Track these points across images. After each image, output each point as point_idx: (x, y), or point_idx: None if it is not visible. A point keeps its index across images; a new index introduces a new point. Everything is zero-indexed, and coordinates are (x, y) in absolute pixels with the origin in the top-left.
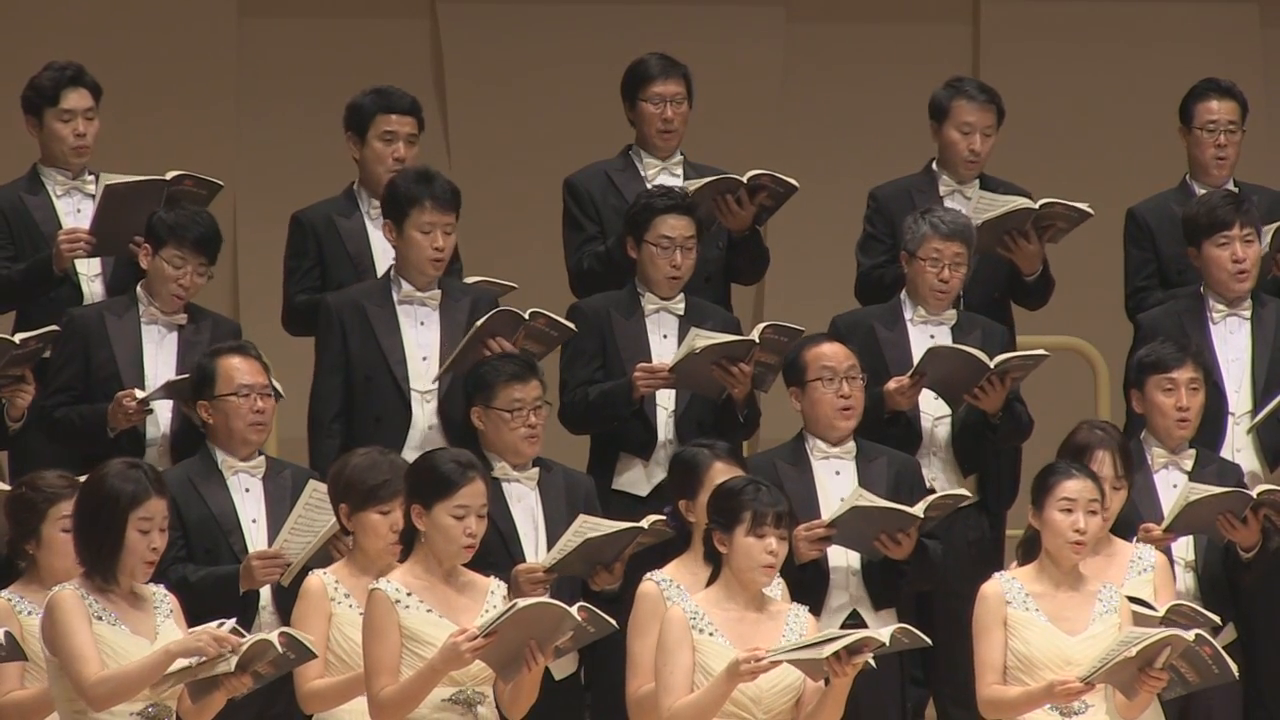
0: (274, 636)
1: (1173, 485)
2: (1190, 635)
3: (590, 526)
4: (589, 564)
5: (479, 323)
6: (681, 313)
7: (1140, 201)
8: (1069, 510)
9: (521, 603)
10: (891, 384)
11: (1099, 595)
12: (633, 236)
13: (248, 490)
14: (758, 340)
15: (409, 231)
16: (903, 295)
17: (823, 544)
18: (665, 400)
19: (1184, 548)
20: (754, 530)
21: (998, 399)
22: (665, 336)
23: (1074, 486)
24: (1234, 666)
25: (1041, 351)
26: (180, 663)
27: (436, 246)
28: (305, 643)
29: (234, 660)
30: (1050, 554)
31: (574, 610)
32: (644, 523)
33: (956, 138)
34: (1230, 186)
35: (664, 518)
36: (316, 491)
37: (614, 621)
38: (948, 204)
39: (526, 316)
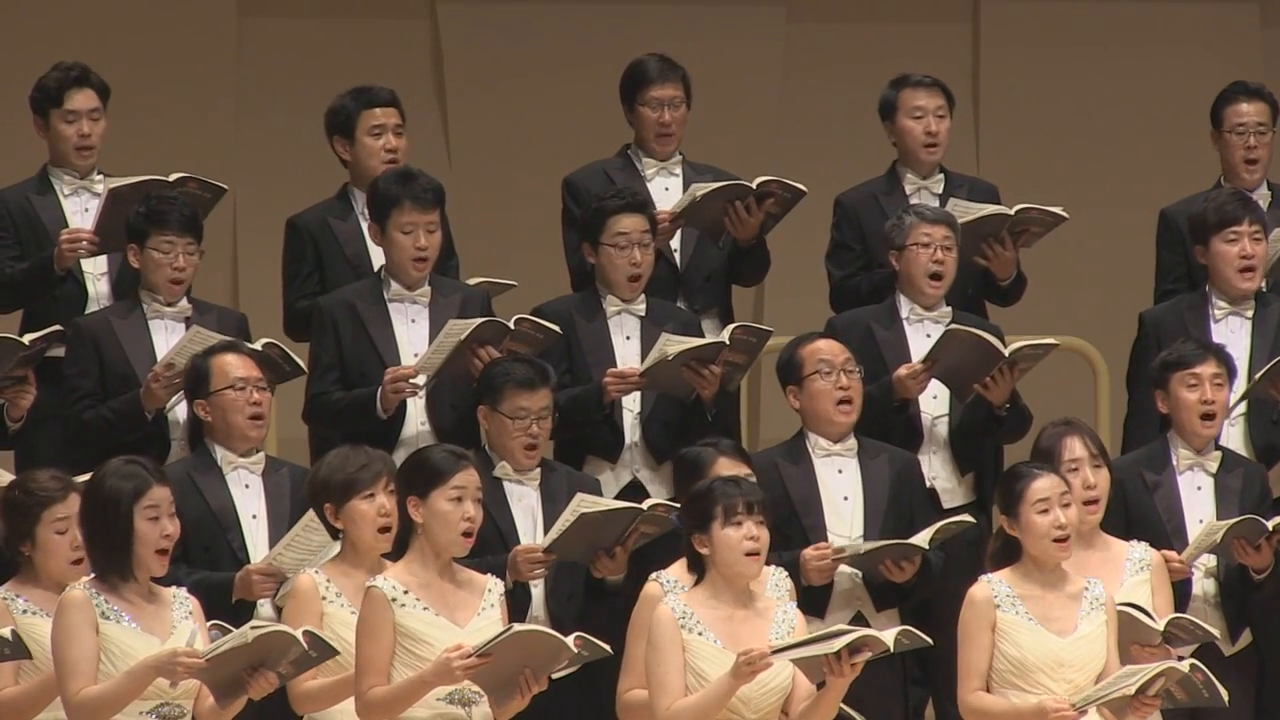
0: (298, 634)
1: (1197, 487)
2: (1185, 666)
3: (588, 504)
4: (589, 547)
5: (464, 334)
6: (643, 313)
7: (1174, 203)
8: (1045, 510)
9: (518, 627)
10: (903, 370)
11: (1084, 593)
12: (589, 242)
13: (247, 486)
14: (728, 341)
15: (391, 232)
16: (897, 295)
17: (830, 571)
18: (631, 402)
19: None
20: (729, 521)
21: (1006, 389)
22: (628, 338)
23: (1044, 485)
24: (1224, 693)
25: (1052, 340)
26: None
27: (419, 246)
28: (329, 641)
29: (251, 636)
30: (1035, 557)
31: (570, 640)
32: (644, 504)
33: (910, 124)
34: (1264, 190)
35: (665, 502)
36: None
37: (608, 648)
38: (914, 201)
39: (511, 325)
